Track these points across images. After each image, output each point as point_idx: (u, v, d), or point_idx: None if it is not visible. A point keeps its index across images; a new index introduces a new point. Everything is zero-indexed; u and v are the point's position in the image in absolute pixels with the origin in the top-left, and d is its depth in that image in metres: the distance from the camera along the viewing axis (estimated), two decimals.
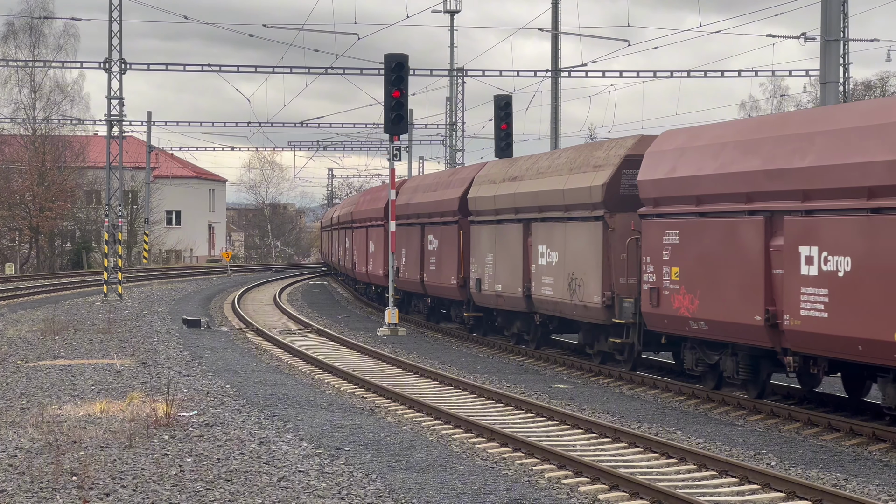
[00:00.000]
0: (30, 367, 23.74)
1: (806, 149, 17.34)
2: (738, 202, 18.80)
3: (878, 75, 78.50)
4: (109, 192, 49.95)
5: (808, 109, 21.18)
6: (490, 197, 29.60)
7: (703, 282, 19.57)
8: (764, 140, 18.54)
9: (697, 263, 19.78)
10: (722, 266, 19.09)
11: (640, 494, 12.84)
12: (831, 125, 17.20)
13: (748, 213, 18.58)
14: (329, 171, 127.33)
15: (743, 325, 18.44)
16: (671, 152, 21.05)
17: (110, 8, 46.80)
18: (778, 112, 16.80)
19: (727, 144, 19.52)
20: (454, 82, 68.72)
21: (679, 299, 20.22)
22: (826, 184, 16.77)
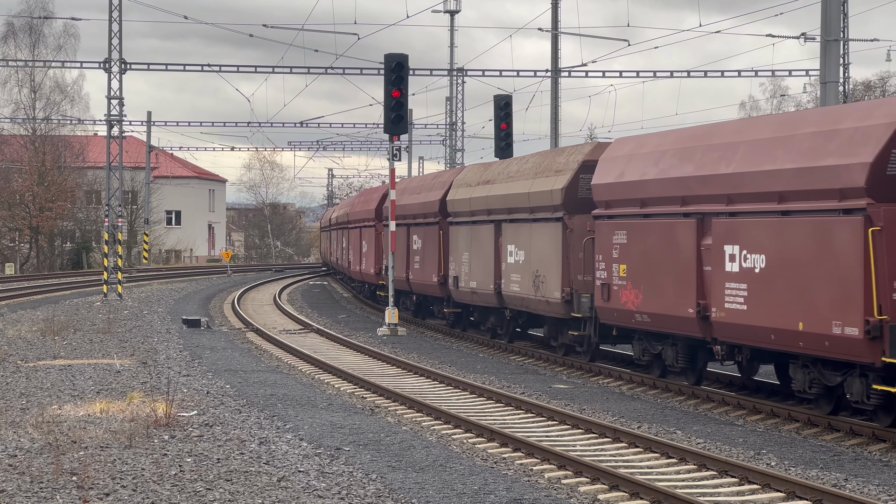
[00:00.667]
0: (30, 367, 23.74)
1: (730, 157, 19.12)
2: (675, 205, 20.57)
3: (878, 75, 78.53)
4: (109, 192, 49.95)
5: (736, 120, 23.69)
6: (466, 199, 31.51)
7: (646, 278, 21.42)
8: (696, 148, 20.38)
9: (642, 261, 21.59)
10: (662, 263, 20.89)
11: (640, 494, 12.85)
12: (751, 136, 19.04)
13: (683, 214, 20.35)
14: (329, 171, 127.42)
15: (679, 318, 20.29)
16: (621, 158, 22.90)
17: (110, 8, 46.81)
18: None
19: (667, 152, 21.30)
20: (454, 82, 68.74)
21: (626, 294, 22.09)
22: (745, 189, 18.56)
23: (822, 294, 16.69)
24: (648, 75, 50.86)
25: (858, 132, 16.62)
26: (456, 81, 68.60)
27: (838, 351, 16.50)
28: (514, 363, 26.44)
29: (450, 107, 70.99)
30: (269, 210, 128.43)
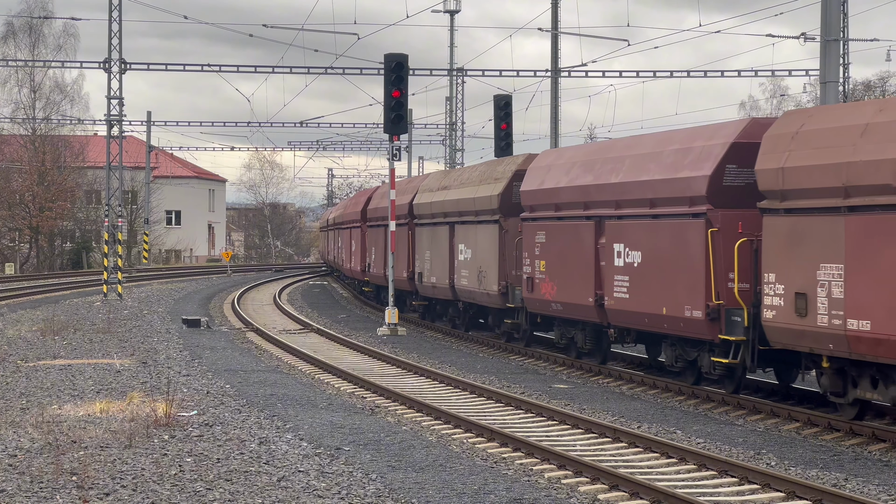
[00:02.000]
0: (30, 367, 23.74)
1: (619, 169, 22.77)
2: (580, 209, 24.20)
3: (878, 75, 78.53)
4: (109, 192, 49.95)
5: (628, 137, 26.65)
6: (428, 203, 35.20)
7: (559, 272, 25.08)
8: (596, 161, 24.03)
9: (556, 257, 25.25)
10: (570, 259, 24.55)
11: (639, 494, 12.85)
12: (635, 151, 22.67)
13: (585, 217, 23.92)
14: (329, 171, 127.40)
15: (583, 306, 23.92)
16: (543, 168, 26.50)
17: (110, 8, 46.79)
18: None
19: (576, 163, 24.91)
20: (454, 82, 68.73)
21: (545, 286, 25.74)
22: (629, 196, 22.11)
23: (679, 284, 20.18)
24: (648, 75, 50.91)
25: (704, 150, 20.15)
26: (456, 81, 68.62)
27: (690, 330, 20.03)
28: (514, 363, 26.45)
29: (450, 107, 70.99)
30: (269, 210, 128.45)
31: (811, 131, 17.40)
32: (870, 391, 16.58)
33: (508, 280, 28.17)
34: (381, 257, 41.28)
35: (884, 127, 15.94)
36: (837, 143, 16.69)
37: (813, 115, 17.93)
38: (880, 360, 15.85)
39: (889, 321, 15.45)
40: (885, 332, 15.50)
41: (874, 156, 15.83)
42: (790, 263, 17.40)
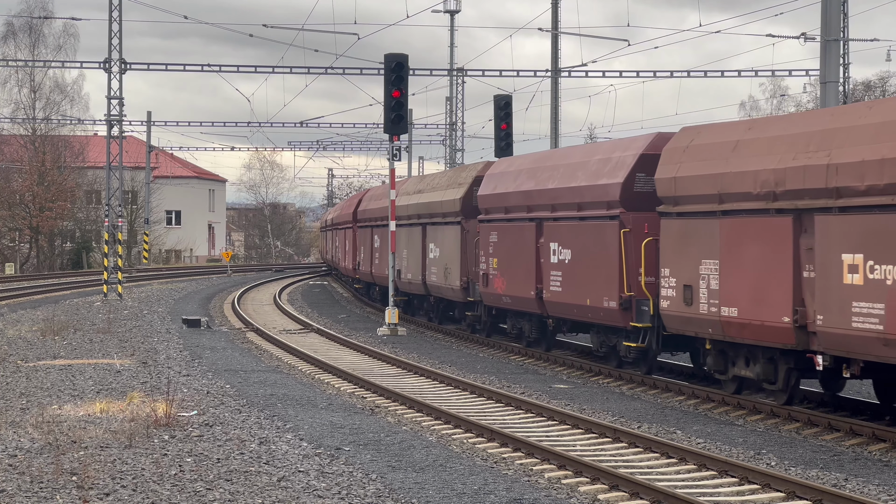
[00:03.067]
0: (30, 367, 23.74)
1: (555, 176, 25.75)
2: (524, 212, 26.97)
3: (878, 75, 78.48)
4: (109, 192, 49.95)
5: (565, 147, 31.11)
6: (405, 206, 37.88)
7: (508, 268, 27.77)
8: (538, 168, 26.93)
9: (506, 255, 27.95)
10: (517, 257, 27.18)
11: (640, 494, 12.84)
12: (568, 160, 25.77)
13: (528, 219, 26.68)
14: (329, 171, 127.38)
15: (527, 299, 26.61)
16: (497, 175, 29.45)
17: (110, 8, 46.78)
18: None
19: (522, 171, 27.72)
20: (454, 82, 68.71)
21: (497, 282, 28.41)
22: (561, 200, 25.15)
23: (599, 278, 23.10)
24: (648, 75, 50.90)
25: (619, 160, 23.06)
26: (456, 81, 68.60)
27: (608, 319, 22.91)
28: (514, 363, 26.45)
29: (450, 107, 70.98)
30: (269, 210, 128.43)
31: (698, 146, 20.15)
32: (744, 369, 19.25)
33: (469, 276, 31.15)
34: (369, 256, 44.75)
35: (749, 143, 18.88)
36: (715, 156, 19.49)
37: (701, 131, 20.68)
38: (746, 342, 18.71)
39: (751, 308, 18.33)
40: (748, 318, 18.39)
41: (740, 168, 18.70)
42: (680, 260, 20.25)
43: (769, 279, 18.00)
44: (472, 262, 30.64)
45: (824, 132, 17.36)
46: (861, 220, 16.23)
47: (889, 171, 15.68)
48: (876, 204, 15.94)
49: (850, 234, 16.39)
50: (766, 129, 18.98)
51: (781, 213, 17.90)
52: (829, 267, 16.70)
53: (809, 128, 17.89)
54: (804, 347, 17.49)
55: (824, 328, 16.73)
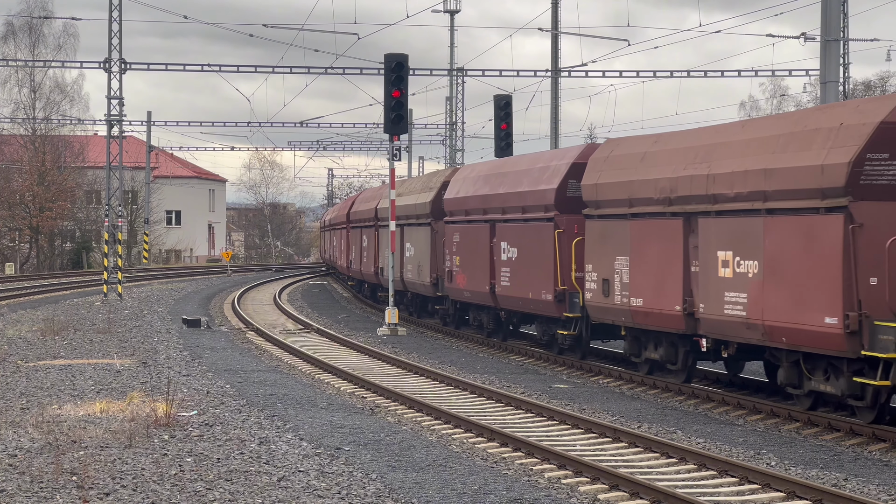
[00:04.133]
0: (30, 367, 23.74)
1: (505, 182, 28.61)
2: (480, 214, 29.91)
3: (878, 75, 78.44)
4: (109, 192, 49.95)
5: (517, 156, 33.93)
6: (387, 208, 39.52)
7: (468, 266, 30.58)
8: (493, 175, 29.86)
9: (466, 253, 30.78)
10: (475, 255, 30.02)
11: (640, 494, 12.84)
12: (516, 168, 28.73)
13: (483, 221, 29.55)
14: (329, 171, 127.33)
15: (482, 293, 29.50)
16: (460, 180, 32.36)
17: (110, 8, 46.78)
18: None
19: (480, 177, 30.69)
20: (454, 82, 68.69)
21: (460, 278, 31.17)
22: (509, 203, 27.94)
23: (539, 273, 25.75)
24: (648, 75, 50.90)
25: (556, 168, 25.87)
26: (456, 81, 68.58)
27: (546, 310, 25.67)
28: (514, 363, 26.46)
29: (450, 107, 70.95)
30: (269, 210, 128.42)
31: (616, 156, 22.98)
32: (653, 352, 21.95)
33: (438, 273, 33.85)
34: (359, 255, 48.56)
35: (653, 155, 21.65)
36: (628, 166, 22.29)
37: (620, 143, 23.66)
38: (651, 328, 21.52)
39: (653, 298, 21.08)
40: (651, 307, 21.15)
41: (645, 176, 21.48)
42: (600, 257, 23.10)
43: (666, 273, 20.75)
44: (440, 260, 33.46)
45: (707, 146, 20.01)
46: (730, 223, 18.96)
47: (750, 181, 18.37)
48: (741, 209, 18.65)
49: (723, 235, 19.11)
50: (667, 142, 21.70)
51: (674, 216, 20.59)
52: (708, 262, 19.48)
53: (697, 142, 20.51)
54: (693, 332, 20.24)
55: (706, 315, 19.53)
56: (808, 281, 17.09)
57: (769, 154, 18.18)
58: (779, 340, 17.81)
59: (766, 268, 17.98)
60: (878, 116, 16.46)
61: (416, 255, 36.21)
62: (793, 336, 17.41)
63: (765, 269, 18.02)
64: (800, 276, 17.26)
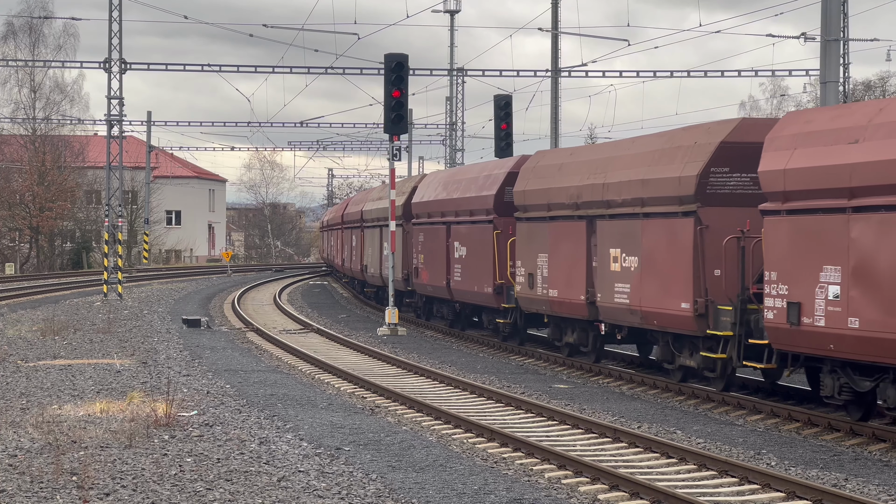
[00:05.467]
0: (30, 367, 23.74)
1: (458, 188, 32.21)
2: (439, 216, 33.51)
3: (879, 75, 78.39)
4: (109, 192, 49.94)
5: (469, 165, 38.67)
6: (370, 210, 45.25)
7: (429, 263, 33.99)
8: (451, 181, 33.58)
9: (428, 252, 34.29)
10: (435, 253, 33.50)
11: (640, 494, 12.84)
12: (468, 175, 32.46)
13: (441, 223, 33.08)
14: (329, 171, 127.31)
15: (440, 287, 33.00)
16: (425, 185, 36.22)
17: (110, 8, 46.75)
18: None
19: (440, 183, 34.43)
20: (454, 82, 68.67)
21: (424, 274, 34.71)
22: (460, 207, 31.50)
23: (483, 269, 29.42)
24: (648, 75, 50.89)
25: (495, 176, 29.60)
26: (456, 81, 68.57)
27: (488, 302, 29.46)
28: (514, 363, 26.46)
29: (450, 106, 70.93)
30: (269, 210, 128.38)
31: (540, 166, 26.58)
32: (570, 337, 25.36)
33: (409, 269, 37.07)
34: (349, 254, 52.68)
35: (567, 166, 25.26)
36: (548, 175, 25.83)
37: (545, 155, 27.48)
38: (564, 315, 25.24)
39: (565, 289, 24.64)
40: (564, 297, 24.79)
41: (560, 184, 25.06)
42: (527, 254, 26.59)
43: (574, 268, 24.40)
44: (410, 258, 36.93)
45: (605, 159, 23.72)
46: (619, 224, 22.56)
47: (633, 189, 21.89)
48: (626, 213, 22.24)
49: (614, 235, 22.75)
50: (579, 155, 25.51)
51: (580, 219, 24.20)
52: (603, 258, 23.15)
53: (600, 155, 24.31)
54: (594, 318, 23.80)
55: (602, 303, 23.21)
56: (670, 273, 20.56)
57: (646, 167, 21.69)
58: (652, 323, 21.47)
59: (643, 263, 21.55)
60: (720, 137, 19.92)
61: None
62: (661, 319, 21.00)
63: (642, 263, 21.59)
64: (665, 269, 20.77)
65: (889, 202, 15.58)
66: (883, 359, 15.77)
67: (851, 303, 16.06)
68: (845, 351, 16.32)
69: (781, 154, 17.62)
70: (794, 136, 17.60)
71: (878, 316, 15.64)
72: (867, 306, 15.82)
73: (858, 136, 16.31)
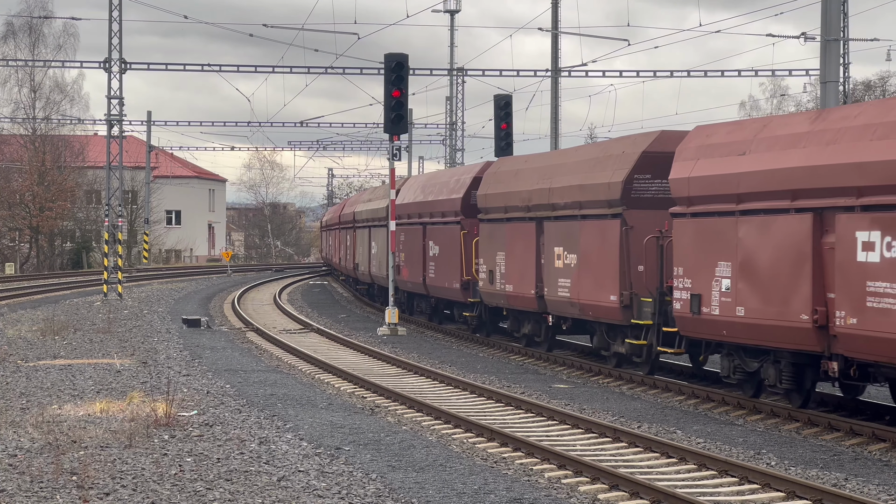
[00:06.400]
0: (30, 367, 23.74)
1: (433, 191, 35.05)
2: (416, 218, 36.05)
3: (879, 75, 78.36)
4: (109, 191, 49.94)
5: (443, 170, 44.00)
6: (360, 211, 49.03)
7: (409, 261, 36.57)
8: (427, 185, 36.44)
9: (408, 251, 36.83)
10: (413, 252, 36.13)
11: (640, 494, 12.84)
12: (441, 180, 35.65)
13: (419, 224, 35.73)
14: (329, 171, 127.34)
15: (418, 283, 35.54)
16: (407, 188, 39.11)
17: (110, 7, 46.75)
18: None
19: (420, 186, 37.40)
20: (454, 82, 68.67)
21: (404, 271, 37.11)
22: (434, 209, 34.34)
23: (452, 266, 32.30)
24: (648, 75, 50.89)
25: (463, 181, 32.49)
26: (456, 81, 68.56)
27: (456, 297, 32.27)
28: (514, 363, 26.46)
29: (450, 106, 70.93)
30: (269, 210, 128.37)
31: (500, 172, 29.39)
32: (526, 328, 27.74)
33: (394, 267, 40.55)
34: (344, 253, 56.70)
35: (522, 172, 27.66)
36: (506, 180, 28.48)
37: (505, 161, 30.90)
38: (519, 308, 27.55)
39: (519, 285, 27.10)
40: (518, 292, 27.10)
41: (515, 189, 27.76)
42: (488, 252, 29.18)
43: (526, 265, 26.71)
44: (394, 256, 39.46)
45: (552, 166, 26.27)
46: (562, 225, 25.13)
47: (573, 194, 24.51)
48: (568, 215, 24.81)
49: (558, 234, 25.21)
50: (532, 162, 27.91)
51: (531, 220, 26.60)
52: (549, 255, 25.58)
53: (548, 163, 26.88)
54: (543, 311, 26.15)
55: (548, 297, 25.53)
56: (602, 269, 23.13)
57: (584, 173, 24.26)
58: (588, 314, 23.90)
59: (581, 260, 24.12)
60: (642, 147, 22.48)
61: (378, 252, 42.77)
62: (595, 311, 23.52)
63: (580, 260, 24.14)
64: (598, 265, 23.33)
65: (767, 206, 17.90)
66: (763, 342, 18.15)
67: (739, 294, 18.47)
68: (735, 336, 18.76)
69: (687, 164, 19.97)
70: (697, 148, 19.91)
71: (758, 305, 18.00)
72: (750, 297, 18.20)
73: (746, 148, 18.64)
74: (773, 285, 17.67)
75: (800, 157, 17.37)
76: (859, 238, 16.04)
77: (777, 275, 17.61)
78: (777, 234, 17.68)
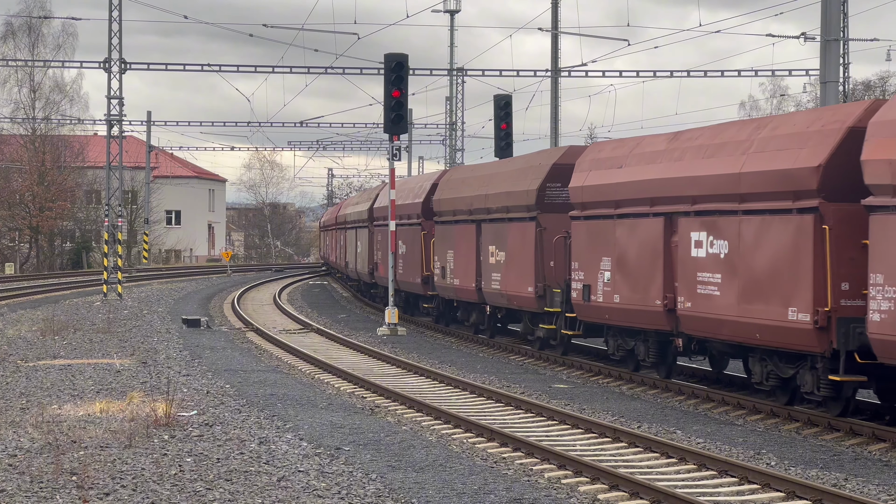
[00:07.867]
0: (30, 367, 23.74)
1: (405, 194, 37.70)
2: (405, 219, 37.55)
3: (879, 75, 78.34)
4: (109, 191, 49.93)
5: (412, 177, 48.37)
6: (343, 214, 55.20)
7: (384, 259, 38.10)
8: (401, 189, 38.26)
9: (383, 249, 39.04)
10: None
11: (639, 494, 12.84)
12: (408, 185, 39.14)
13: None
14: (329, 171, 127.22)
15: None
16: (384, 193, 40.80)
17: (110, 7, 46.76)
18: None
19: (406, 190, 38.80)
20: (454, 82, 68.66)
21: (381, 268, 40.39)
22: (402, 212, 37.04)
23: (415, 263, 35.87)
24: (648, 75, 50.88)
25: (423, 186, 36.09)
26: (456, 81, 68.55)
27: (419, 290, 35.60)
28: (514, 363, 26.46)
29: (450, 106, 70.93)
30: (269, 210, 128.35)
31: (452, 179, 33.45)
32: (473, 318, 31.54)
33: (372, 265, 43.66)
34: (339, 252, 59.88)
35: (468, 180, 31.69)
36: (456, 187, 32.19)
37: (458, 170, 35.79)
38: (464, 300, 31.55)
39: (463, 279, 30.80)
40: (463, 286, 30.83)
41: (460, 195, 31.36)
42: (441, 250, 32.78)
43: (469, 261, 30.36)
44: (374, 255, 43.07)
45: (489, 175, 30.15)
46: (495, 227, 28.82)
47: (502, 199, 28.21)
48: (499, 217, 28.59)
49: (492, 235, 28.98)
50: (477, 171, 32.15)
51: (472, 222, 30.43)
52: (486, 253, 29.25)
53: (490, 171, 30.70)
54: (482, 301, 29.94)
55: (485, 290, 29.28)
56: (523, 264, 26.70)
57: (511, 182, 28.14)
58: (514, 304, 27.60)
59: (508, 257, 27.63)
60: (554, 159, 26.53)
61: (362, 251, 46.78)
62: (518, 301, 27.15)
63: (507, 257, 27.69)
64: (520, 261, 26.88)
65: (635, 211, 21.77)
66: (634, 324, 22.00)
67: (616, 284, 22.36)
68: (615, 319, 22.64)
69: (582, 174, 24.06)
70: (591, 161, 23.93)
71: (629, 293, 21.88)
72: (623, 286, 22.09)
73: (622, 163, 22.66)
74: (639, 276, 21.56)
75: (656, 171, 21.21)
76: (693, 237, 19.85)
77: (641, 267, 21.53)
78: (641, 234, 21.59)
